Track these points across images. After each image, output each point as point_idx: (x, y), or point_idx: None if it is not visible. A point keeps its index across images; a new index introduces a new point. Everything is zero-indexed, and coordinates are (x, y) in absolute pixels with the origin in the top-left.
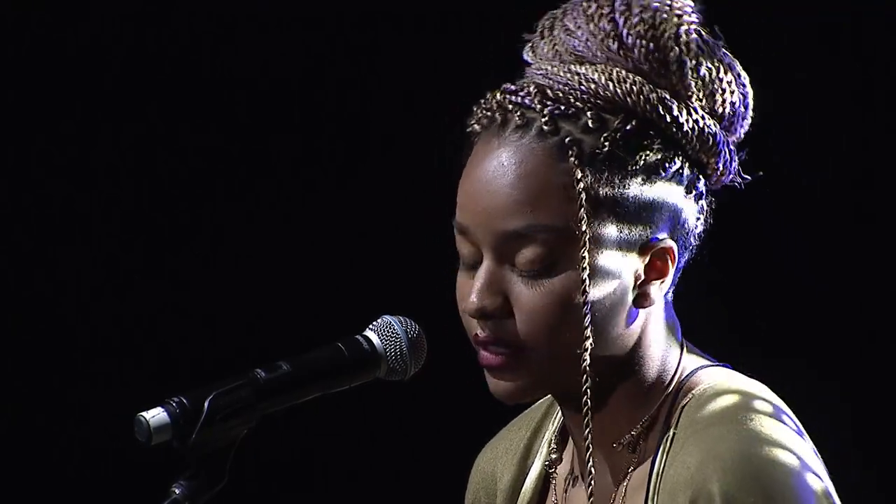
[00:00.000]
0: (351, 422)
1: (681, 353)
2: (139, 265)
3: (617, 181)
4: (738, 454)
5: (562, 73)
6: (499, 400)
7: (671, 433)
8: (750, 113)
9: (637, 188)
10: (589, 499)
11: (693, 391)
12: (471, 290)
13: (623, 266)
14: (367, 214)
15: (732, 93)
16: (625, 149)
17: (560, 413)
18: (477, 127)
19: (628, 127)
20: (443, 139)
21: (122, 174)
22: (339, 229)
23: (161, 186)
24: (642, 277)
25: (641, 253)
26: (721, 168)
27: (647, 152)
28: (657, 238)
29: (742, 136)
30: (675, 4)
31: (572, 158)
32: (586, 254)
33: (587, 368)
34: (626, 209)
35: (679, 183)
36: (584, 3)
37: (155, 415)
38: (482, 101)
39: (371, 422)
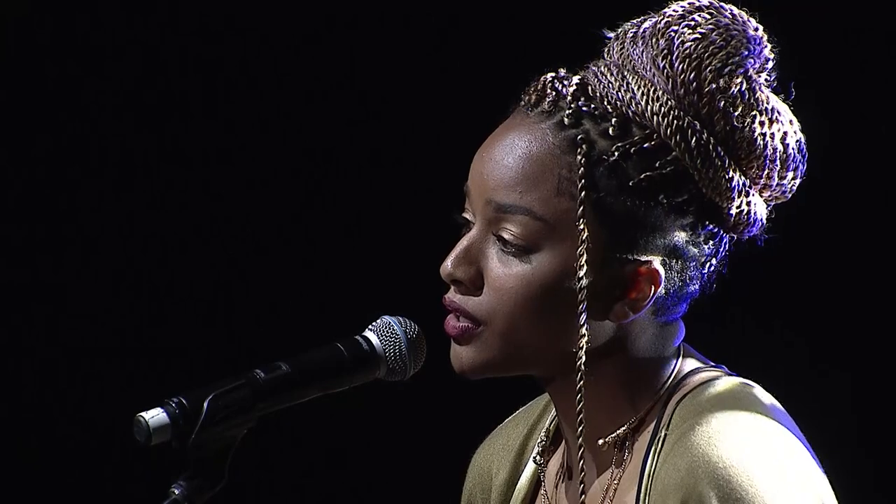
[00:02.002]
0: (350, 422)
1: (677, 358)
2: (139, 265)
3: (614, 192)
4: (729, 456)
5: (610, 77)
6: (458, 373)
7: (662, 434)
8: (791, 175)
9: (634, 205)
10: (580, 494)
11: (685, 393)
12: (449, 255)
13: (601, 275)
14: (367, 214)
15: (765, 146)
16: (633, 163)
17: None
18: (520, 101)
19: (646, 145)
20: (442, 139)
21: (122, 174)
22: (339, 229)
23: (161, 186)
24: (619, 293)
25: (625, 269)
26: (735, 215)
27: (654, 174)
28: (642, 260)
29: (784, 195)
30: (733, 41)
31: (579, 156)
32: (584, 251)
33: (582, 367)
34: (617, 222)
35: (682, 216)
36: (659, 17)
37: (154, 415)
38: (535, 78)
39: (370, 422)
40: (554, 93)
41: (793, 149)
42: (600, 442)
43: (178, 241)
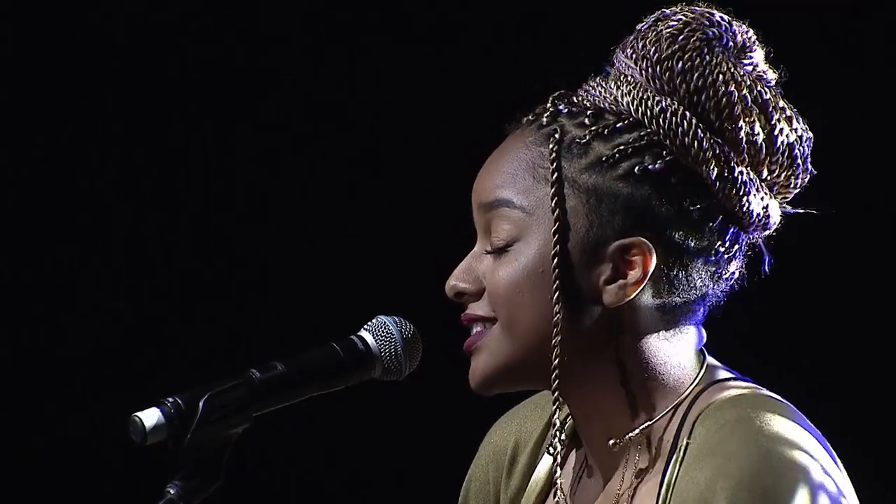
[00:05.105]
0: (346, 422)
1: (700, 364)
2: (138, 265)
3: (589, 170)
4: (748, 472)
5: (592, 83)
6: (474, 389)
7: (684, 443)
8: (786, 157)
9: (611, 182)
10: (553, 490)
11: (710, 403)
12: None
13: (588, 258)
14: (366, 214)
15: (733, 104)
16: (605, 142)
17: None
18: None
19: (619, 125)
20: (442, 140)
21: (122, 175)
22: (338, 229)
23: (160, 186)
24: (610, 275)
25: (612, 250)
26: (718, 183)
27: (626, 147)
28: (629, 239)
29: (789, 182)
30: (695, 16)
31: (551, 144)
32: (558, 232)
33: (557, 344)
34: (597, 201)
35: (663, 189)
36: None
37: (150, 415)
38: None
39: (369, 422)
40: (538, 105)
41: (779, 121)
42: (611, 442)
43: (178, 242)
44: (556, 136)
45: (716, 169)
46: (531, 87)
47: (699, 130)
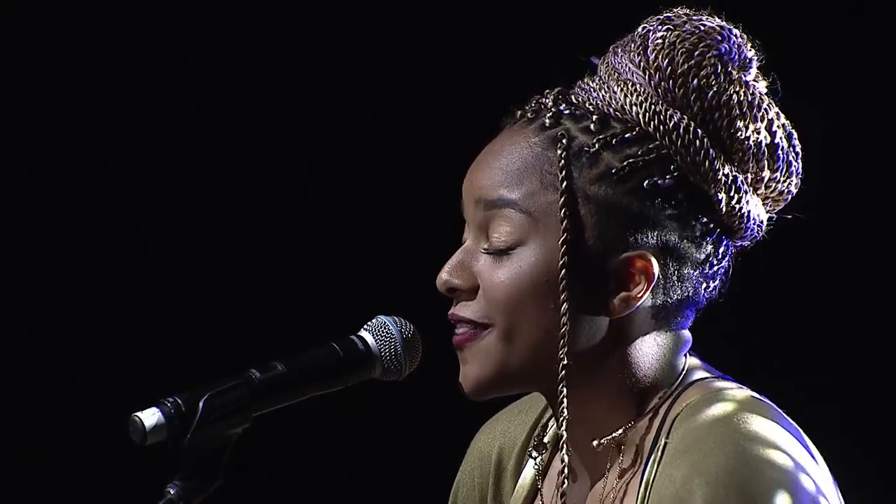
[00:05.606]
0: (346, 422)
1: (683, 367)
2: (138, 265)
3: (598, 182)
4: (725, 470)
5: (592, 84)
6: (467, 396)
7: (663, 443)
8: (784, 169)
9: (619, 195)
10: (562, 493)
11: (689, 401)
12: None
13: (593, 268)
14: (366, 214)
15: (747, 127)
16: (614, 153)
17: None
18: (507, 119)
19: (626, 135)
20: (442, 140)
21: (122, 175)
22: (338, 229)
23: (160, 186)
24: (613, 287)
25: (617, 262)
26: (725, 203)
27: (636, 161)
28: (634, 251)
29: (782, 195)
30: (705, 28)
31: (559, 150)
32: (566, 242)
33: (564, 357)
34: (604, 213)
35: (670, 205)
36: (639, 28)
37: (150, 415)
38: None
39: (366, 422)
40: (536, 103)
41: (782, 139)
42: (595, 442)
43: (178, 242)
44: (564, 141)
45: (723, 187)
46: (531, 87)
47: (711, 150)
